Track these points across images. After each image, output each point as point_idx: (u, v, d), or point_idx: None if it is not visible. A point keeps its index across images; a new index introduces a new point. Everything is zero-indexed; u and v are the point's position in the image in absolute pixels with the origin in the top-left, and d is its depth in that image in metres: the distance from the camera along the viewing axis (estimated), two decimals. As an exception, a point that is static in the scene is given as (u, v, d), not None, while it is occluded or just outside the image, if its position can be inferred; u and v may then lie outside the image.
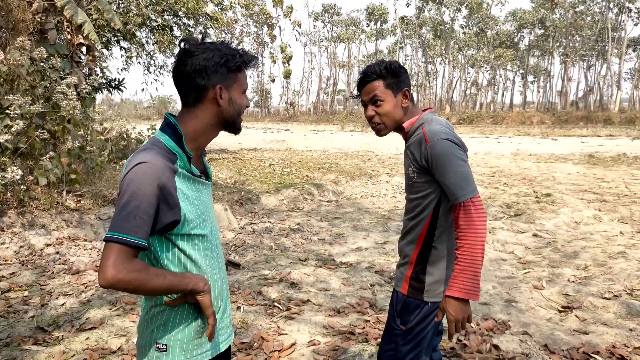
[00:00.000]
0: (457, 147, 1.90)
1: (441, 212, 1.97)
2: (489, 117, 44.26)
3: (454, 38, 59.53)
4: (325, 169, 13.17)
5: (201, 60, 1.45)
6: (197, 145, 1.54)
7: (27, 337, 3.59)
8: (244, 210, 8.45)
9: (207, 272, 1.54)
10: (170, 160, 1.43)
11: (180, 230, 1.44)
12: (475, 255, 1.82)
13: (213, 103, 1.50)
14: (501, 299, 4.47)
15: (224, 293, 1.65)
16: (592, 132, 35.32)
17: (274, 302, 4.31)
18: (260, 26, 65.44)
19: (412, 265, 2.05)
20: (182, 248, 1.47)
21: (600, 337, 3.67)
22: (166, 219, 1.38)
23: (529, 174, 13.83)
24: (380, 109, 2.03)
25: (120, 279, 1.28)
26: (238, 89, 1.54)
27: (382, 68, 2.01)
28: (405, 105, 2.04)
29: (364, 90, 2.06)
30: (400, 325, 2.07)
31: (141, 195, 1.32)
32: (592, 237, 6.72)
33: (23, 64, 6.58)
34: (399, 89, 2.03)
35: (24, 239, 5.59)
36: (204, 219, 1.51)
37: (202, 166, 1.62)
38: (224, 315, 1.65)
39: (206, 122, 1.52)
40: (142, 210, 1.31)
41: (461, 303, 1.85)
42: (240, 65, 1.52)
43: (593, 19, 48.78)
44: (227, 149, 20.80)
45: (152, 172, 1.35)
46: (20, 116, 6.12)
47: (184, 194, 1.44)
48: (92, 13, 12.44)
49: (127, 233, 1.30)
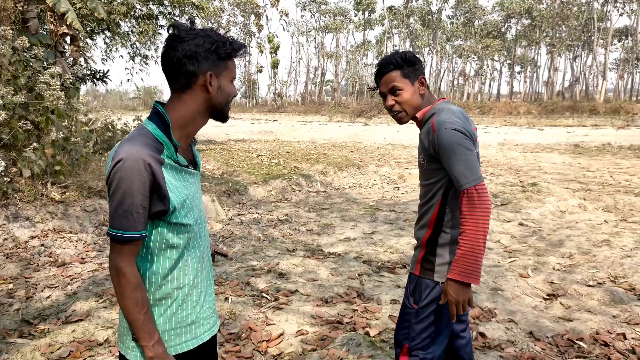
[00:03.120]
0: (463, 136, 1.95)
1: (450, 198, 2.05)
2: (476, 108, 44.43)
3: (441, 28, 59.53)
4: (313, 160, 13.15)
5: (192, 45, 1.44)
6: (185, 134, 1.54)
7: (13, 330, 3.56)
8: (232, 201, 8.42)
9: (188, 260, 1.54)
10: (157, 150, 1.43)
11: (167, 219, 1.46)
12: (477, 241, 1.89)
13: (202, 90, 1.49)
14: (487, 288, 4.51)
15: (204, 283, 1.63)
16: (577, 122, 35.66)
17: (262, 293, 4.31)
18: (247, 15, 64.83)
19: (423, 248, 2.14)
20: (165, 235, 1.48)
21: (585, 324, 3.72)
22: (155, 208, 1.42)
23: (516, 163, 13.94)
24: (399, 98, 2.10)
25: (122, 271, 1.40)
26: (227, 77, 1.53)
27: (398, 58, 2.08)
28: (423, 92, 2.12)
29: (382, 82, 2.13)
30: (413, 304, 2.15)
31: (134, 191, 1.36)
32: (577, 226, 6.81)
33: (5, 53, 6.45)
34: (416, 77, 2.10)
35: (8, 232, 5.52)
36: (191, 208, 1.52)
37: (190, 155, 1.61)
38: (204, 306, 1.63)
39: (195, 109, 1.51)
40: (136, 205, 1.37)
41: (461, 286, 1.93)
42: (231, 53, 1.51)
43: (579, 9, 49.00)
44: (214, 139, 20.68)
45: (140, 167, 1.36)
46: (3, 107, 6.01)
47: (172, 185, 1.45)
48: (75, 2, 12.23)
49: (127, 230, 1.38)
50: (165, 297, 1.51)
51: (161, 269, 1.50)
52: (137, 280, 1.42)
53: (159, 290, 1.50)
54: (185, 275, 1.54)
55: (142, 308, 1.42)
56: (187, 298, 1.56)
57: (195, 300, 1.58)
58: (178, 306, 1.53)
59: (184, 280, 1.54)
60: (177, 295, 1.53)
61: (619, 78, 49.57)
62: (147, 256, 1.49)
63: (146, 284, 1.49)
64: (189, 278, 1.55)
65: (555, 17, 48.79)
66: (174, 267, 1.51)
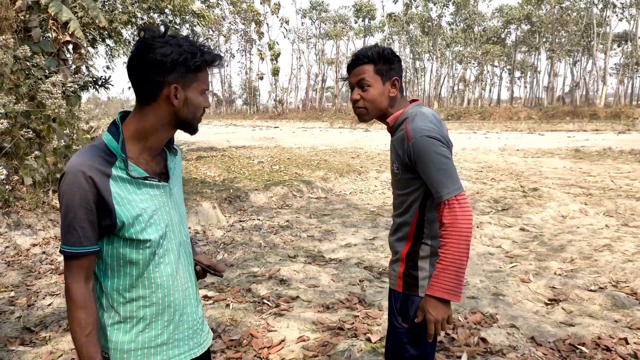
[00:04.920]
0: (440, 143, 1.84)
1: (427, 209, 1.95)
2: (476, 113, 44.48)
3: (441, 34, 59.70)
4: (314, 166, 13.17)
5: (158, 55, 1.34)
6: (147, 145, 1.45)
7: (14, 337, 3.56)
8: (233, 208, 8.42)
9: (153, 278, 1.46)
10: (108, 163, 1.36)
11: (120, 234, 1.38)
12: (459, 255, 1.78)
13: (167, 102, 1.39)
14: (489, 293, 4.50)
15: (179, 302, 1.53)
16: (578, 127, 35.64)
17: (263, 299, 4.31)
18: (248, 23, 65.12)
19: (403, 262, 2.02)
20: (121, 250, 1.41)
21: (586, 328, 3.72)
22: (102, 222, 1.35)
23: (516, 168, 13.94)
24: (366, 94, 1.96)
25: (68, 288, 1.37)
26: (196, 89, 1.43)
27: (375, 53, 1.94)
28: (393, 95, 1.98)
29: (353, 72, 2.00)
30: (402, 323, 2.03)
31: (76, 206, 1.31)
32: (578, 231, 6.80)
33: (7, 62, 6.49)
34: (389, 77, 1.97)
35: (9, 240, 5.53)
36: (151, 223, 1.42)
37: (160, 167, 1.51)
38: (180, 327, 1.54)
39: (157, 121, 1.42)
40: (80, 219, 1.32)
41: (441, 303, 1.81)
42: (200, 65, 1.41)
43: (579, 15, 49.15)
44: (215, 146, 20.72)
45: (80, 180, 1.30)
46: (5, 115, 6.04)
47: (122, 198, 1.36)
48: (77, 11, 12.30)
49: (72, 245, 1.34)
50: (130, 315, 1.45)
51: (121, 285, 1.43)
52: (82, 299, 1.36)
53: (123, 308, 1.44)
54: (152, 293, 1.46)
55: (84, 330, 1.36)
56: (156, 317, 1.48)
57: (168, 320, 1.50)
58: (146, 325, 1.46)
59: (152, 298, 1.46)
60: (144, 313, 1.46)
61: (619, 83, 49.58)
62: (107, 271, 1.43)
63: (109, 300, 1.44)
64: (157, 296, 1.46)
65: (555, 23, 48.95)
66: (136, 284, 1.44)
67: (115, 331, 1.45)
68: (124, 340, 1.45)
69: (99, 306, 1.46)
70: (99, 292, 1.46)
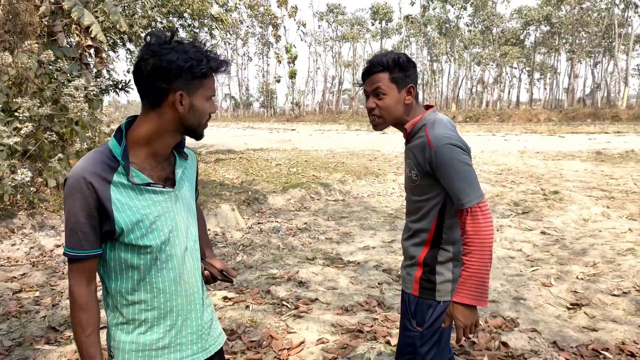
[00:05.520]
0: (462, 151, 1.84)
1: (447, 215, 1.94)
2: (495, 115, 44.10)
3: (459, 36, 59.33)
4: (331, 169, 13.18)
5: (164, 62, 1.33)
6: (153, 151, 1.45)
7: (39, 336, 3.63)
8: (252, 210, 8.47)
9: (155, 282, 1.47)
10: (110, 168, 1.37)
11: (120, 239, 1.40)
12: (483, 262, 1.80)
13: (172, 108, 1.39)
14: (509, 297, 4.46)
15: (182, 308, 1.53)
16: (599, 129, 35.10)
17: (282, 301, 4.32)
18: (265, 26, 65.49)
19: (420, 267, 2.02)
20: (122, 255, 1.42)
21: (610, 334, 3.66)
22: (103, 228, 1.37)
23: (536, 171, 13.78)
24: (381, 102, 1.94)
25: (70, 290, 1.41)
26: (202, 96, 1.43)
27: (390, 60, 1.91)
28: (409, 103, 1.96)
29: (368, 81, 1.97)
30: (416, 326, 2.03)
31: (77, 210, 1.33)
32: (601, 234, 6.70)
33: (31, 67, 6.64)
34: (404, 85, 1.93)
35: (34, 240, 5.64)
36: (152, 229, 1.42)
37: (166, 172, 1.51)
38: (183, 331, 1.55)
39: (162, 127, 1.42)
40: (81, 224, 1.34)
41: (469, 309, 1.83)
42: (206, 73, 1.40)
43: (599, 15, 48.44)
44: (233, 149, 20.85)
45: (81, 186, 1.32)
46: (29, 119, 6.18)
47: (122, 204, 1.37)
48: (98, 15, 12.52)
49: (74, 248, 1.36)
50: (133, 317, 1.47)
51: (124, 288, 1.45)
52: (83, 300, 1.39)
53: (126, 310, 1.47)
54: (154, 297, 1.47)
55: (85, 330, 1.40)
56: (158, 321, 1.49)
57: (170, 325, 1.51)
58: (147, 328, 1.48)
59: (153, 302, 1.47)
60: (146, 317, 1.47)
61: (641, 84, 48.69)
62: (110, 274, 1.45)
63: (114, 301, 1.48)
64: (159, 301, 1.48)
65: (575, 24, 48.29)
66: (138, 288, 1.45)
67: (119, 332, 1.49)
68: (126, 340, 1.48)
69: (106, 306, 1.51)
70: (105, 293, 1.50)
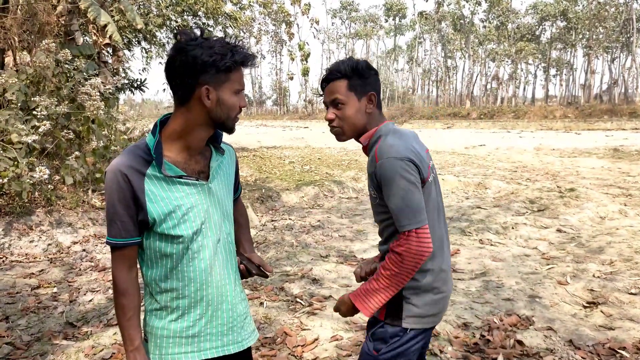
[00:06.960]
0: (409, 167, 1.67)
1: None
2: (510, 112, 43.71)
3: (473, 32, 58.86)
4: (344, 166, 13.17)
5: (190, 57, 1.39)
6: (186, 144, 1.51)
7: (57, 332, 3.69)
8: (265, 207, 8.51)
9: (186, 271, 1.52)
10: (146, 162, 1.45)
11: (154, 229, 1.47)
12: (394, 283, 1.69)
13: (200, 103, 1.44)
14: (525, 295, 4.43)
15: (214, 299, 1.57)
16: (616, 126, 34.59)
17: (296, 298, 4.34)
18: (279, 24, 65.66)
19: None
20: (157, 244, 1.50)
21: (627, 332, 3.62)
22: (139, 217, 1.46)
23: (552, 168, 13.63)
24: (340, 113, 1.81)
25: (113, 275, 1.50)
26: (229, 89, 1.46)
27: (348, 67, 1.78)
28: (370, 111, 1.82)
29: (326, 90, 1.84)
30: (372, 350, 1.84)
31: (115, 202, 1.42)
32: (618, 232, 6.61)
33: (49, 66, 6.73)
34: (364, 92, 1.80)
35: (52, 237, 5.73)
36: (185, 220, 1.47)
37: (200, 165, 1.55)
38: (214, 321, 1.58)
39: (193, 121, 1.47)
40: (119, 214, 1.43)
41: (352, 308, 1.82)
42: (231, 66, 1.42)
43: (617, 10, 47.70)
44: (246, 147, 20.94)
45: (118, 179, 1.41)
46: (47, 117, 6.26)
47: (155, 196, 1.44)
48: (114, 15, 12.64)
49: (114, 237, 1.45)
50: (165, 304, 1.54)
51: (157, 275, 1.53)
52: (124, 286, 1.48)
53: (159, 297, 1.54)
54: (185, 286, 1.52)
55: (126, 314, 1.48)
56: (189, 310, 1.54)
57: (200, 314, 1.55)
58: (178, 316, 1.54)
59: (184, 291, 1.52)
60: (177, 304, 1.53)
61: (660, 80, 47.93)
62: (147, 261, 1.54)
63: (150, 288, 1.56)
64: (190, 290, 1.52)
65: (592, 19, 47.61)
66: (170, 276, 1.51)
67: (153, 317, 1.57)
68: (158, 326, 1.55)
69: (145, 293, 1.59)
70: (144, 280, 1.58)
